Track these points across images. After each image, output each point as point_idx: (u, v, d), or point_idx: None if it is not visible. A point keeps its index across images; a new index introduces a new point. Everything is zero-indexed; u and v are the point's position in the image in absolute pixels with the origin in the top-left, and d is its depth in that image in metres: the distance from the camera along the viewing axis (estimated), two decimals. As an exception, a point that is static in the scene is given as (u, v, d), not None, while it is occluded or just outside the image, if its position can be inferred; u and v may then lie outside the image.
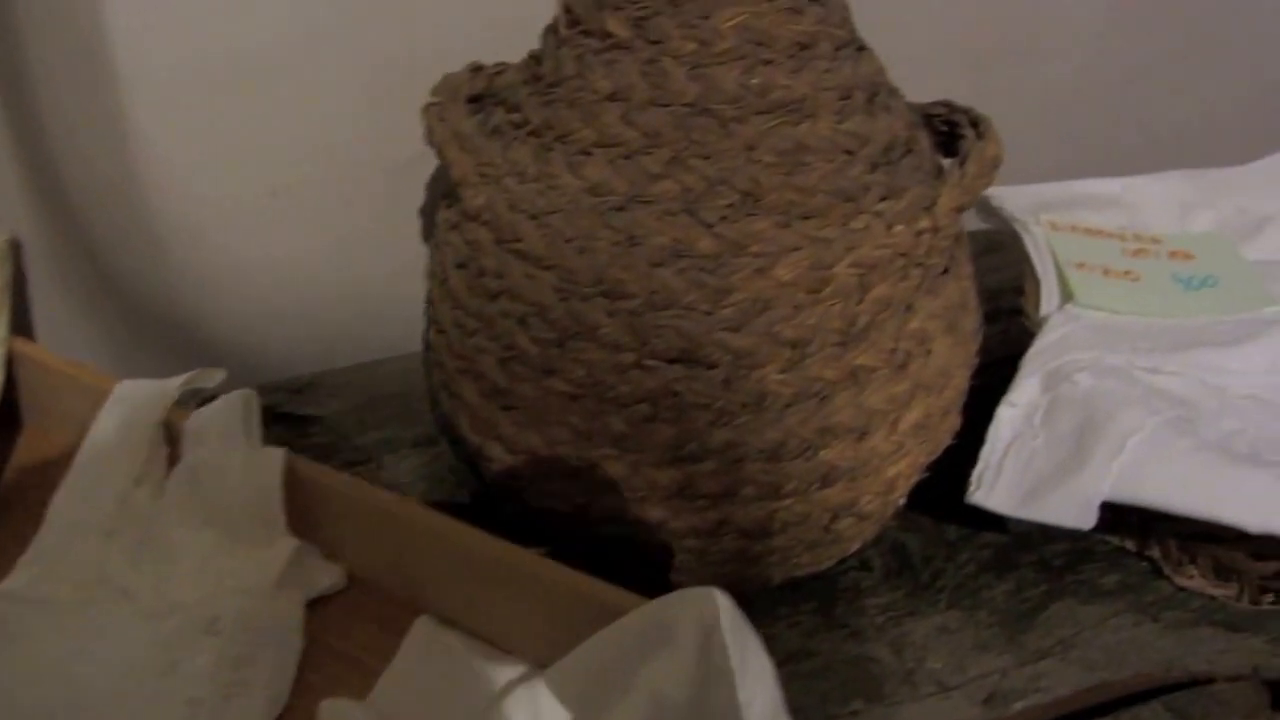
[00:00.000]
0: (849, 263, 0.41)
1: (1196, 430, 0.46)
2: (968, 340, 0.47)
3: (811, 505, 0.44)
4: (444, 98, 0.46)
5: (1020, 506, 0.46)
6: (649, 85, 0.41)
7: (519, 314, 0.43)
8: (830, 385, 0.42)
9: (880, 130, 0.43)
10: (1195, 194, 0.62)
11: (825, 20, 0.42)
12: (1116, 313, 0.54)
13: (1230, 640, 0.48)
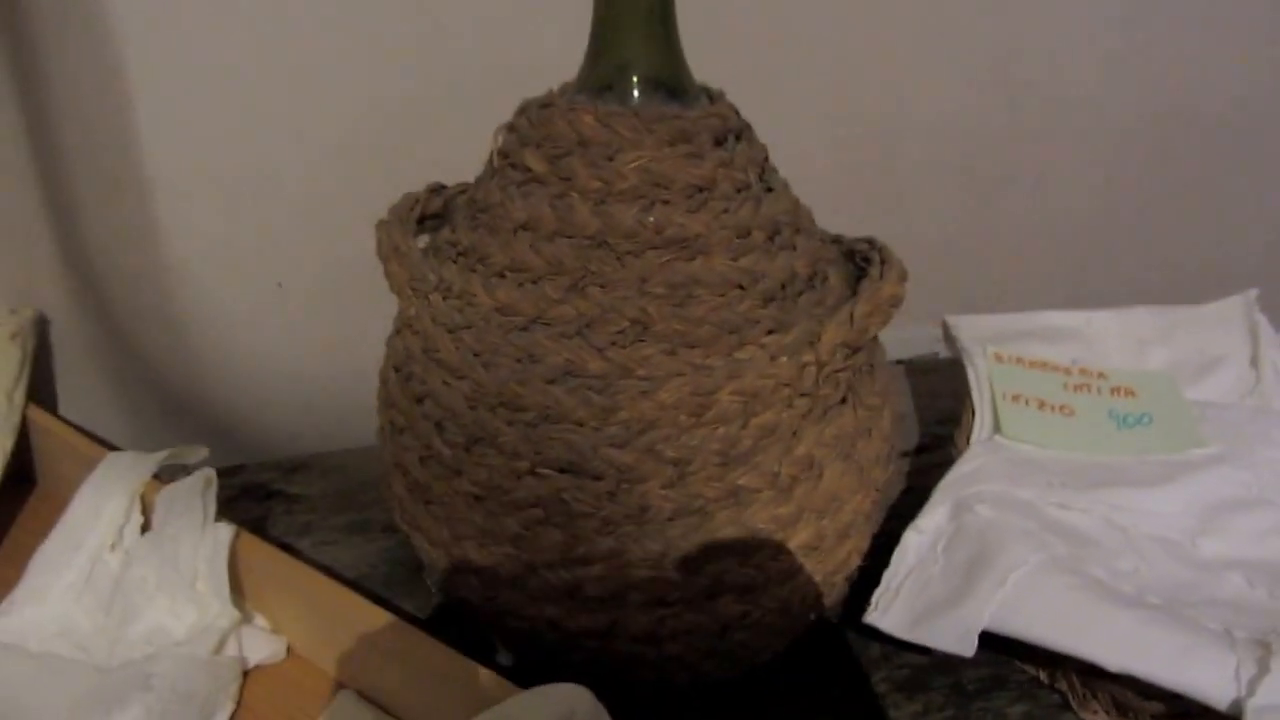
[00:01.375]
0: (731, 390, 0.43)
1: (1085, 568, 0.47)
2: (868, 467, 0.49)
3: (701, 615, 0.47)
4: (395, 216, 0.51)
5: (910, 630, 0.48)
6: (556, 217, 0.45)
7: (436, 418, 0.47)
8: (711, 503, 0.44)
9: (778, 267, 0.46)
10: (1154, 331, 0.63)
11: (728, 164, 0.46)
12: (1043, 446, 0.56)
13: (1121, 777, 0.49)
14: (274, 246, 0.68)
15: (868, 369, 0.50)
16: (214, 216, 0.66)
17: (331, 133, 0.65)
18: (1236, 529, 0.52)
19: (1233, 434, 0.56)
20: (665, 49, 0.46)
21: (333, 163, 0.66)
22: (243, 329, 0.70)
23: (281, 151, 0.66)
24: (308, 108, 0.65)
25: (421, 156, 0.64)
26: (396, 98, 0.66)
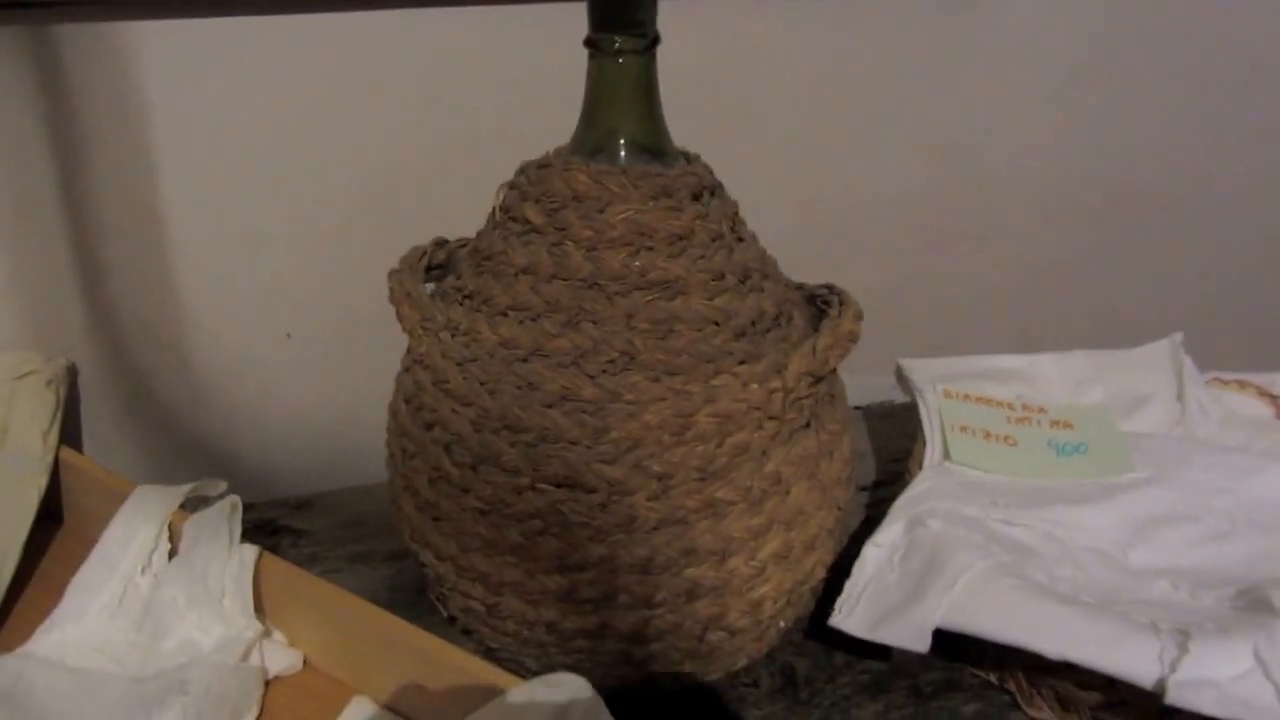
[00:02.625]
0: (708, 412, 0.49)
1: (1025, 572, 0.53)
2: (830, 486, 0.55)
3: (682, 616, 0.52)
4: (405, 265, 0.57)
5: (870, 631, 0.54)
6: (553, 262, 0.51)
7: (445, 442, 0.52)
8: (691, 513, 0.50)
9: (748, 307, 0.52)
10: (1090, 372, 0.70)
11: (704, 217, 0.52)
12: (988, 471, 0.62)
13: (1064, 765, 0.54)
14: (283, 300, 0.74)
15: (829, 399, 0.56)
16: (228, 272, 0.72)
17: (338, 194, 0.72)
18: (1163, 541, 0.58)
19: (1160, 460, 0.62)
20: (649, 118, 0.53)
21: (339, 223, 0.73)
22: (253, 376, 0.76)
23: (292, 212, 0.72)
24: (317, 172, 0.72)
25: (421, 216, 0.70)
26: (401, 162, 0.73)
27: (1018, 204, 0.90)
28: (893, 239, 0.88)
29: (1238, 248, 1.01)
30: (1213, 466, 0.61)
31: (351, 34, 0.70)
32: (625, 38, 0.50)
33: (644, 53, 0.51)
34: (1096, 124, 0.91)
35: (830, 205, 0.86)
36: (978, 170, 0.88)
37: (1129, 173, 0.93)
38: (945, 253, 0.90)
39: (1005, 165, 0.88)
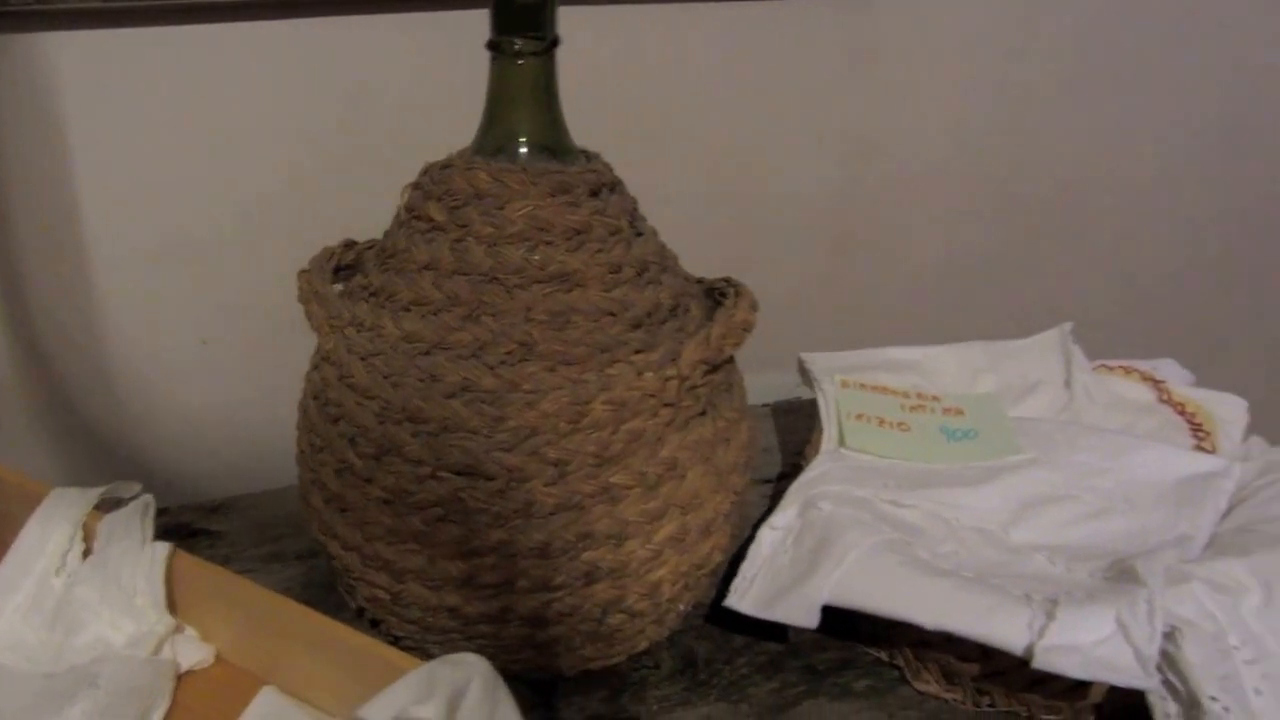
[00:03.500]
0: (603, 400, 0.51)
1: (910, 550, 0.56)
2: (725, 472, 0.57)
3: (581, 599, 0.54)
4: (314, 265, 0.59)
5: (764, 610, 0.56)
6: (454, 258, 0.53)
7: (350, 434, 0.54)
8: (588, 498, 0.52)
9: (645, 299, 0.55)
10: (985, 361, 0.73)
11: (602, 212, 0.54)
12: (881, 456, 0.65)
13: (950, 734, 0.57)
14: (198, 305, 0.75)
15: (726, 388, 0.59)
16: (143, 279, 0.73)
17: (251, 200, 0.73)
18: (1043, 519, 0.61)
19: (1045, 443, 0.65)
20: (549, 118, 0.55)
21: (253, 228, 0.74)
22: (168, 381, 0.77)
23: (206, 219, 0.73)
24: (230, 179, 0.73)
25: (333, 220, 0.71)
26: (313, 167, 0.74)
27: (926, 201, 0.93)
28: (804, 237, 0.91)
29: (1131, 242, 1.05)
30: (1094, 448, 0.64)
31: (263, 42, 0.71)
32: (525, 40, 0.52)
33: (543, 54, 0.53)
34: (999, 122, 0.94)
35: (742, 204, 0.88)
36: (886, 169, 0.91)
37: (1031, 170, 0.97)
38: (856, 250, 0.93)
39: (912, 163, 0.91)
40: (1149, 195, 1.03)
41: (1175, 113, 1.00)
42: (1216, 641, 0.49)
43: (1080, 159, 0.98)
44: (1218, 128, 1.03)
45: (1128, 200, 1.02)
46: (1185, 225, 1.07)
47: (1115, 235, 1.03)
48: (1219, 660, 0.48)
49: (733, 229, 0.88)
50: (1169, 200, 1.05)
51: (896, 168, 0.91)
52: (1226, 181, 1.06)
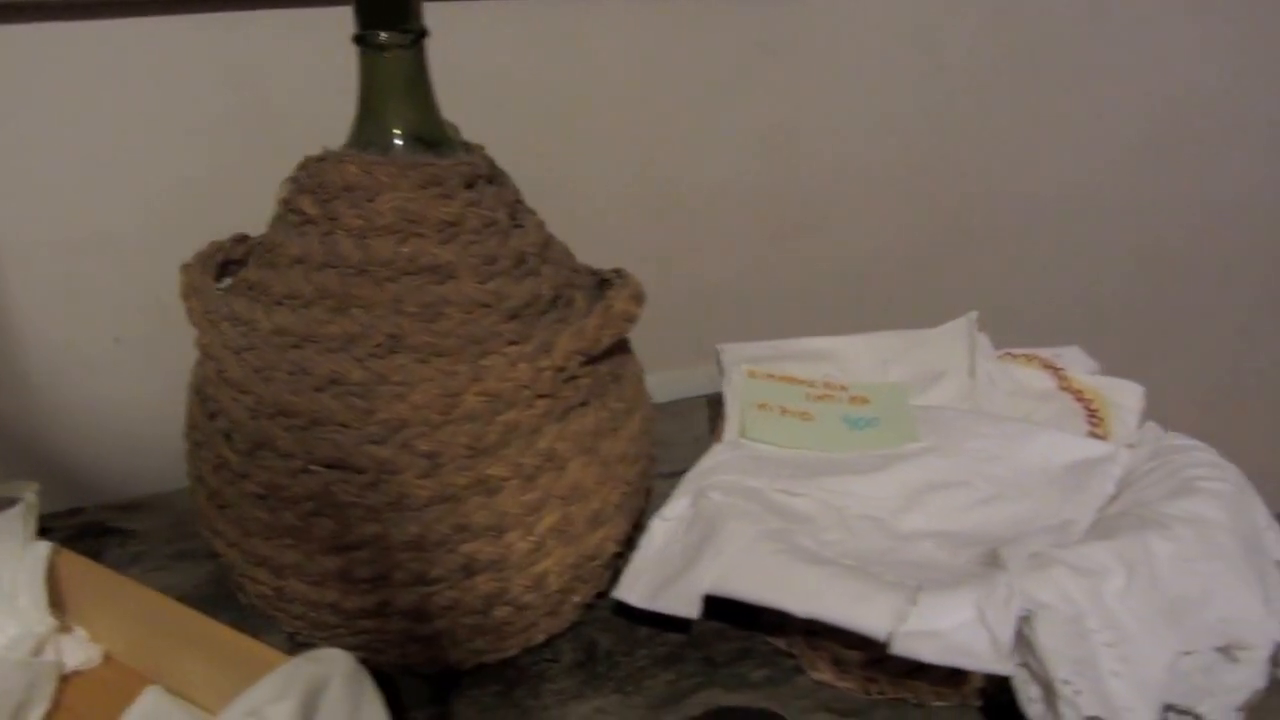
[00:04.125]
0: (475, 391, 0.51)
1: (793, 538, 0.55)
2: (613, 463, 0.57)
3: (462, 592, 0.54)
4: (197, 259, 0.58)
5: (649, 601, 0.56)
6: (324, 251, 0.52)
7: (225, 429, 0.53)
8: (463, 490, 0.52)
9: (523, 290, 0.54)
10: (896, 351, 0.73)
11: (476, 204, 0.54)
12: (781, 446, 0.64)
13: (840, 722, 0.56)
14: (110, 302, 0.75)
15: (613, 378, 0.58)
16: (54, 277, 0.73)
17: (161, 198, 0.73)
18: (933, 506, 0.61)
19: (943, 430, 0.65)
20: (423, 110, 0.55)
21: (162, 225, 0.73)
22: (82, 380, 0.76)
23: (117, 216, 0.73)
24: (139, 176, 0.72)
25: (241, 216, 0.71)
26: (219, 164, 0.74)
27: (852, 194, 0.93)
28: (731, 230, 0.91)
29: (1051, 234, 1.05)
30: (989, 435, 0.64)
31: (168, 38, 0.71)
32: (391, 33, 0.52)
33: (411, 47, 0.53)
34: (920, 115, 0.94)
35: (667, 198, 0.88)
36: (809, 161, 0.90)
37: (954, 162, 0.96)
38: (783, 243, 0.92)
39: (835, 156, 0.91)
40: (1070, 189, 1.03)
41: (1095, 107, 1.00)
42: (1072, 625, 0.49)
43: (1002, 152, 0.98)
44: (1137, 124, 1.03)
45: (1049, 193, 1.02)
46: (1104, 218, 1.07)
47: (1036, 227, 1.03)
48: (1073, 644, 0.48)
49: (663, 221, 0.88)
50: (1089, 193, 1.05)
51: (821, 161, 0.91)
52: (1144, 176, 1.06)
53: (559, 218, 0.82)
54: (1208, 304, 1.19)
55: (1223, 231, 1.14)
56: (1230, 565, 0.53)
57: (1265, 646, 0.52)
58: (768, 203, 0.90)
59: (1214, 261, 1.16)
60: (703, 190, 0.88)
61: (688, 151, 0.87)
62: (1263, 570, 0.56)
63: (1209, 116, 1.06)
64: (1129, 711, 0.48)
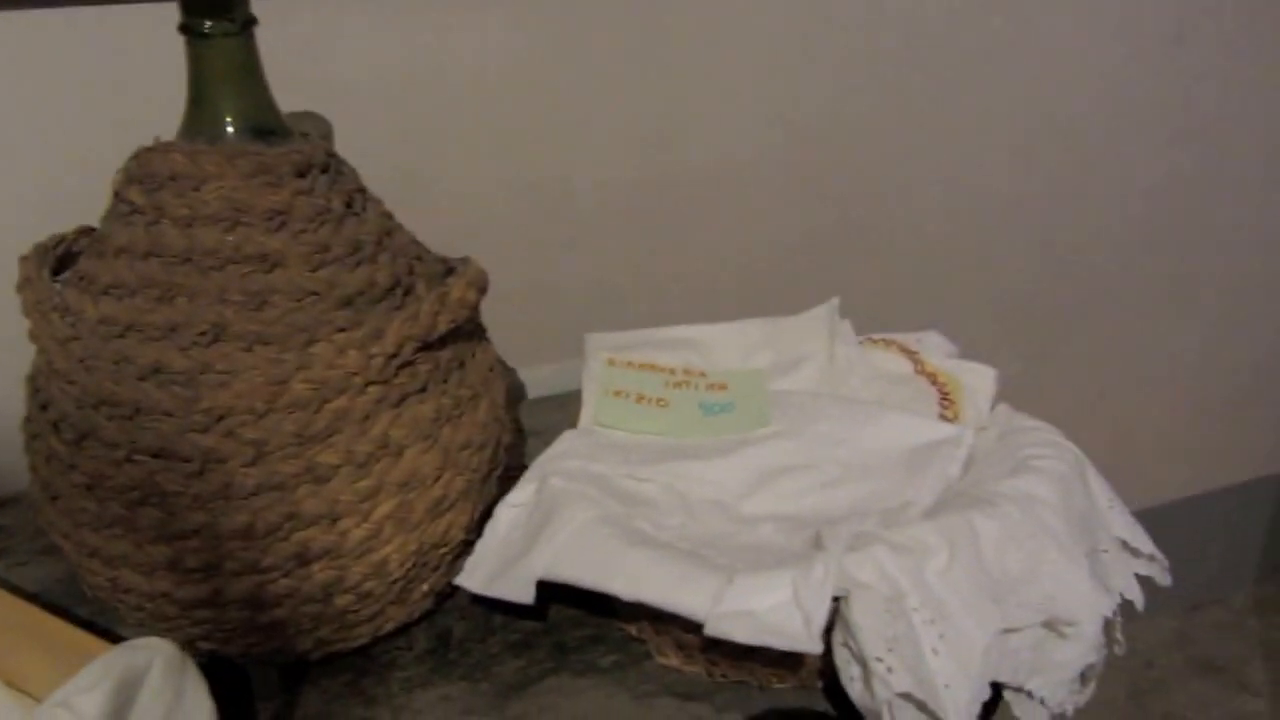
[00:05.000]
0: (302, 379, 0.51)
1: (631, 522, 0.56)
2: (457, 450, 0.57)
3: (297, 581, 0.54)
4: (36, 250, 0.58)
5: (487, 587, 0.56)
6: (149, 240, 0.52)
7: (54, 420, 0.53)
8: (291, 478, 0.52)
9: (356, 278, 0.54)
10: (760, 338, 0.73)
11: (308, 193, 0.54)
12: (635, 432, 0.65)
13: (682, 707, 0.57)
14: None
15: (456, 365, 0.58)
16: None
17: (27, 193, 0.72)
18: (777, 489, 0.61)
19: (796, 415, 0.65)
20: (254, 99, 0.55)
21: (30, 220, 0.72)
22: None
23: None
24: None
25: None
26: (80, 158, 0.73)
27: (729, 187, 0.93)
28: (610, 227, 0.91)
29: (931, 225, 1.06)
30: (838, 418, 0.64)
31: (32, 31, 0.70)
32: (215, 21, 0.52)
33: (238, 35, 0.53)
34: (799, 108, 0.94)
35: (544, 195, 0.88)
36: (686, 157, 0.91)
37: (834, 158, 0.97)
38: (664, 236, 0.92)
39: (711, 151, 0.91)
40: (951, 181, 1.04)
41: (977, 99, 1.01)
42: (889, 604, 0.49)
43: (882, 144, 0.98)
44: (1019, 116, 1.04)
45: (931, 185, 1.03)
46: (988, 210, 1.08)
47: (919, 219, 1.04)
48: (888, 623, 0.48)
49: (545, 216, 0.88)
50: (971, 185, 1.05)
51: (700, 155, 0.91)
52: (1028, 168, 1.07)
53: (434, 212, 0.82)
54: (1095, 294, 1.20)
55: (1109, 222, 1.16)
56: (1056, 543, 0.54)
57: (1092, 622, 0.53)
58: (647, 196, 0.90)
59: (1101, 252, 1.17)
60: (582, 186, 0.88)
61: (565, 149, 0.87)
62: (1095, 547, 0.57)
63: (1091, 108, 1.07)
64: (947, 689, 0.48)
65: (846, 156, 0.96)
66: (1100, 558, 0.56)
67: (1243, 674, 1.41)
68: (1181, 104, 1.12)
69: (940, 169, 1.01)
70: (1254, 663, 1.43)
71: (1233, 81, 1.14)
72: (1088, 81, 1.05)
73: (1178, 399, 1.34)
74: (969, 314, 1.11)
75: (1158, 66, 1.08)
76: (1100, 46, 1.04)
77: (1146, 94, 1.09)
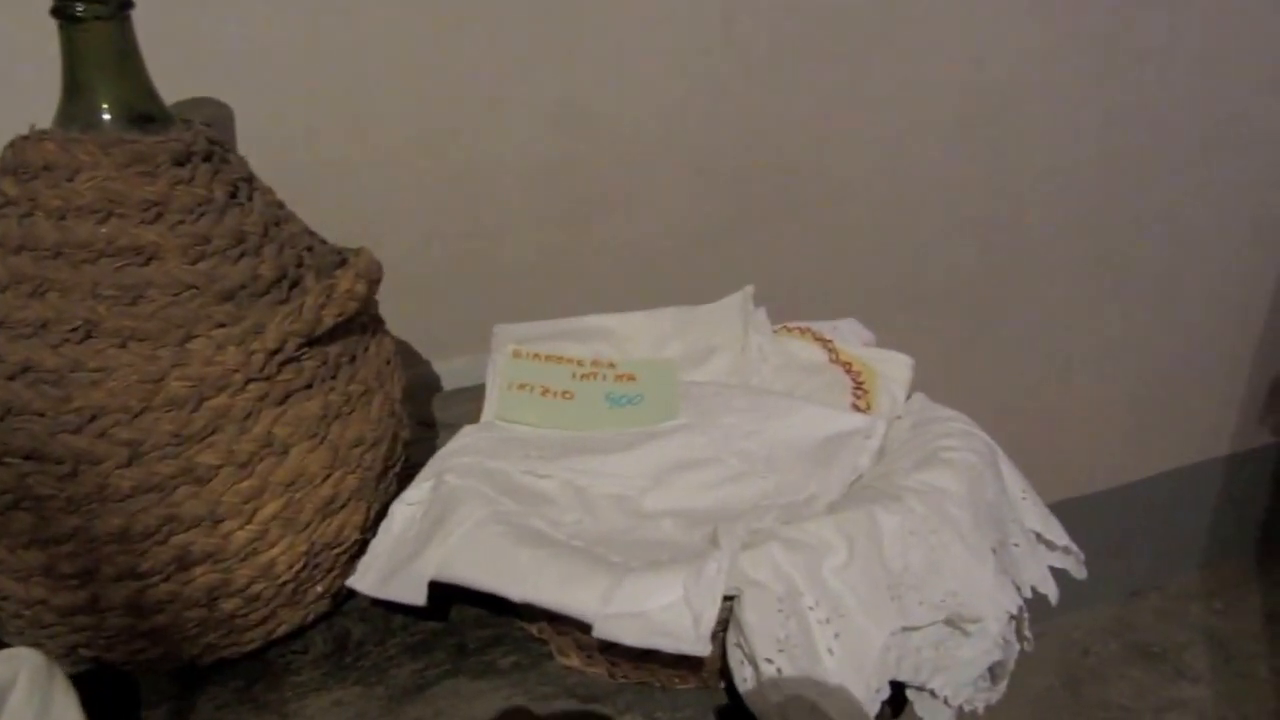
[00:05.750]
0: (179, 377, 0.49)
1: (526, 520, 0.54)
2: (348, 448, 0.55)
3: (179, 585, 0.52)
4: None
5: (379, 589, 0.54)
6: (21, 233, 0.50)
7: (-80, 423, 0.51)
8: (169, 479, 0.50)
9: (239, 271, 0.52)
10: (674, 327, 0.72)
11: (187, 182, 0.52)
12: (537, 426, 0.63)
13: (583, 708, 0.55)
14: None
15: (347, 360, 0.57)
16: None
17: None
18: (680, 484, 0.60)
19: (703, 407, 0.64)
20: (132, 85, 0.53)
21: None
22: None
23: None
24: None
25: None
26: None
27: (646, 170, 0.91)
28: (525, 209, 0.89)
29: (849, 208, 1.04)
30: (745, 410, 0.63)
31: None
32: (88, 4, 0.50)
33: (112, 19, 0.51)
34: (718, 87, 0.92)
35: (464, 178, 0.86)
36: (603, 136, 0.89)
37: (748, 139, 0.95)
38: (579, 221, 0.91)
39: (629, 131, 0.89)
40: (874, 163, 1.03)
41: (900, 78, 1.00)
42: (782, 603, 0.48)
43: (805, 126, 0.97)
44: (945, 98, 1.03)
45: (853, 169, 1.02)
46: (915, 194, 1.06)
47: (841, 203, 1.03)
48: (780, 622, 0.47)
49: (453, 201, 0.86)
50: (898, 168, 1.04)
51: (614, 136, 0.89)
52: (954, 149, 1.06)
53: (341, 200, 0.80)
54: (1025, 276, 1.19)
55: (1039, 201, 1.15)
56: (961, 537, 0.53)
57: (997, 619, 0.52)
58: (561, 180, 0.88)
59: (1032, 232, 1.16)
60: (501, 171, 0.86)
61: (483, 132, 0.85)
62: (1004, 541, 0.56)
63: (1020, 88, 1.06)
64: (840, 690, 0.47)
65: (763, 138, 0.94)
66: (1010, 551, 0.56)
67: (1181, 661, 1.42)
68: (1119, 81, 1.11)
69: (861, 148, 1.00)
70: (1193, 649, 1.44)
71: (1172, 58, 1.13)
72: (1019, 55, 1.04)
73: (1114, 383, 1.34)
74: (892, 299, 1.10)
75: (1094, 42, 1.07)
76: (1033, 16, 1.03)
77: (1082, 69, 1.08)
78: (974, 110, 1.04)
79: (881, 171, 1.02)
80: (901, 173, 1.03)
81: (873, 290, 1.08)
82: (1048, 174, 1.12)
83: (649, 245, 0.94)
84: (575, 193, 0.89)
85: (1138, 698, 1.35)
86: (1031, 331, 1.23)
